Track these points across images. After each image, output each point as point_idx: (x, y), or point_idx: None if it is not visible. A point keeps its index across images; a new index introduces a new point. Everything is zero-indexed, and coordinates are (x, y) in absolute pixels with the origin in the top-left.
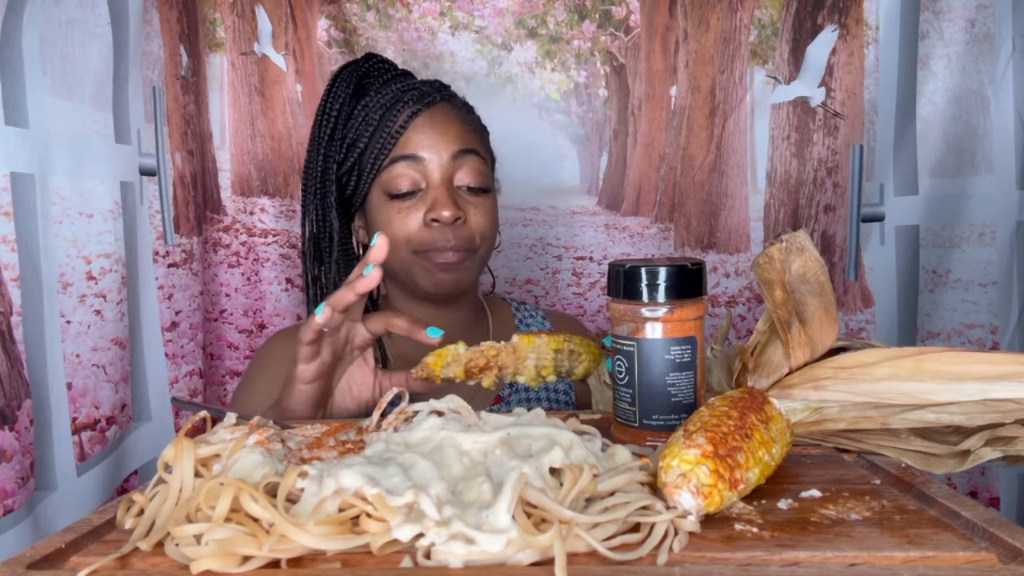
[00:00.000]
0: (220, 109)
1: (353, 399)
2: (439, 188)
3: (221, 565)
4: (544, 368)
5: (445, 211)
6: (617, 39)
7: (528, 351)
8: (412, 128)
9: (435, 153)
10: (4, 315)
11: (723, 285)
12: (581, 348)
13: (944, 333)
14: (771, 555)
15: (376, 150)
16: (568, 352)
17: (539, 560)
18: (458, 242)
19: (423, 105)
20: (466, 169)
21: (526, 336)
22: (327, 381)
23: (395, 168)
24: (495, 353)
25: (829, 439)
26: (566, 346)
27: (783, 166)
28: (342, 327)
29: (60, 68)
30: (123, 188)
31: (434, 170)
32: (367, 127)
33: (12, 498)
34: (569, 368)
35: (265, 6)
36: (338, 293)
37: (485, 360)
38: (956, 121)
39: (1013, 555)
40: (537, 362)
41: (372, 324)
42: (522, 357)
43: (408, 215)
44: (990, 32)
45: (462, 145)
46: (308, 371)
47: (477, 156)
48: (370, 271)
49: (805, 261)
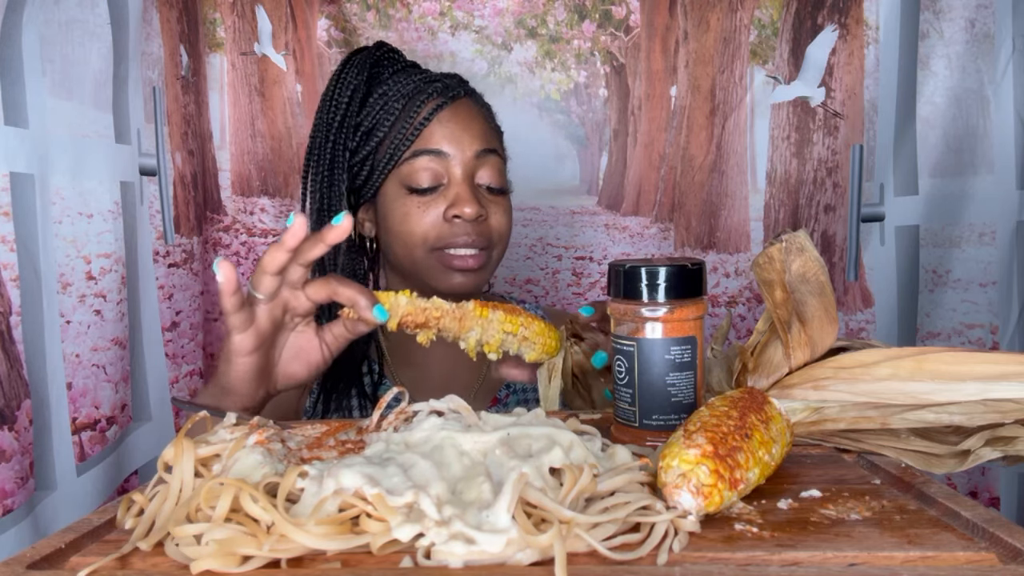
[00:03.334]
0: (220, 109)
1: (303, 366)
2: (462, 185)
3: (221, 565)
4: (487, 345)
5: (468, 208)
6: (617, 39)
7: (475, 322)
8: (436, 122)
9: (459, 149)
10: (4, 315)
11: (723, 285)
12: (536, 338)
13: (944, 333)
14: (771, 555)
15: (397, 141)
16: (521, 338)
17: (539, 560)
18: (478, 239)
19: (447, 99)
20: (488, 168)
21: (482, 306)
22: (267, 352)
23: (417, 161)
24: (438, 315)
25: (829, 439)
26: (520, 331)
27: (783, 166)
28: (279, 292)
29: (60, 68)
30: (123, 188)
31: (456, 166)
32: (387, 116)
33: (12, 498)
34: (517, 351)
35: (265, 6)
36: (267, 254)
37: (424, 318)
38: (956, 121)
39: (1013, 555)
40: (481, 336)
41: (314, 291)
42: (466, 326)
43: (427, 210)
44: (990, 32)
45: (485, 144)
46: (245, 341)
47: (498, 156)
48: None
49: (805, 261)
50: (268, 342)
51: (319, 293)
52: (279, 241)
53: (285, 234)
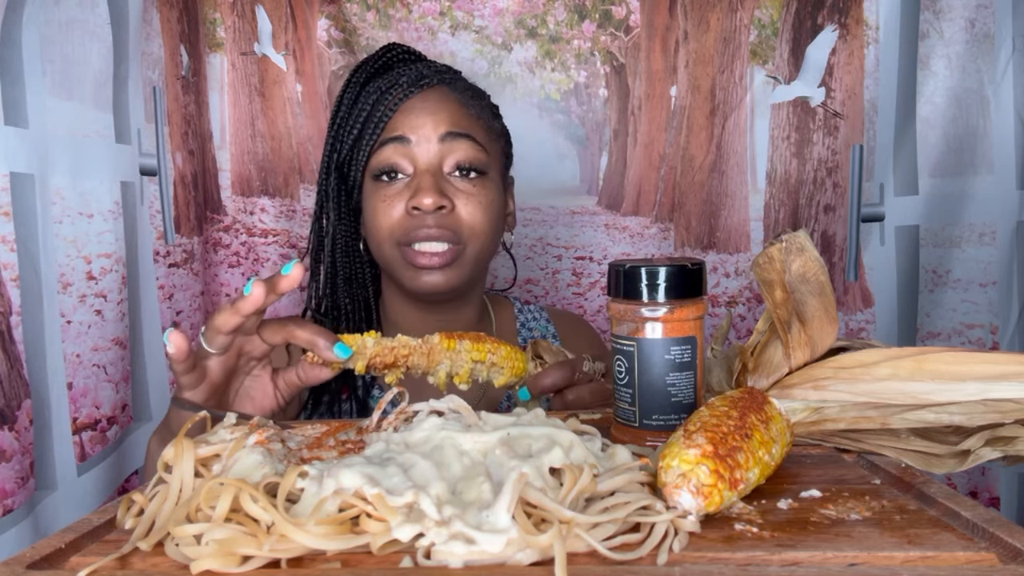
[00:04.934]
0: (220, 109)
1: (255, 409)
2: (424, 173)
3: (221, 565)
4: (457, 376)
5: (427, 198)
6: (617, 39)
7: (444, 355)
8: (402, 110)
9: (422, 135)
10: (4, 315)
11: (723, 285)
12: (504, 362)
13: (944, 333)
14: (771, 555)
15: (368, 134)
16: (489, 364)
17: (539, 560)
18: (443, 232)
19: (417, 87)
20: (457, 154)
21: (448, 339)
22: (219, 399)
23: (382, 151)
24: (406, 353)
25: (829, 439)
26: (488, 358)
27: (783, 166)
28: (232, 344)
29: (60, 68)
30: (123, 188)
31: (421, 154)
32: (363, 112)
33: (12, 498)
34: (487, 378)
35: (265, 6)
36: (220, 315)
37: (393, 358)
38: (956, 121)
39: (1013, 555)
40: (451, 369)
41: (269, 334)
42: (435, 360)
43: (392, 203)
44: (990, 32)
45: (452, 127)
46: (196, 396)
47: (471, 141)
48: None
49: (805, 261)
50: (220, 390)
51: (274, 337)
52: (234, 306)
53: (241, 301)
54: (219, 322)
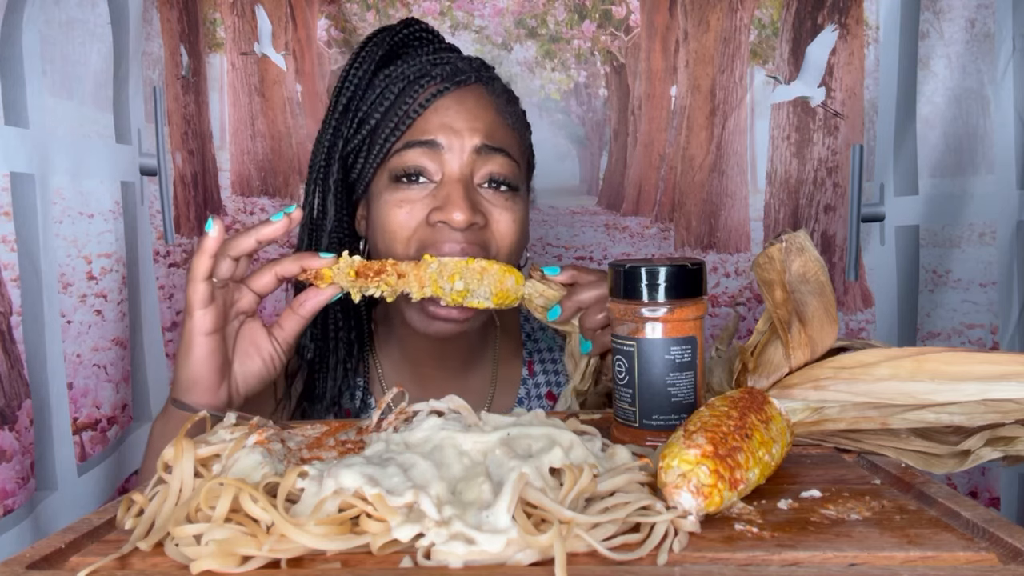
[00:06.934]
0: (220, 109)
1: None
2: (455, 184)
3: (221, 565)
4: (450, 277)
5: (458, 213)
6: (617, 39)
7: (431, 263)
8: (434, 108)
9: (457, 141)
10: (4, 315)
11: (723, 285)
12: (491, 266)
13: (944, 333)
14: (771, 555)
15: (389, 129)
16: (480, 268)
17: (539, 560)
18: (467, 247)
19: (452, 83)
20: (491, 166)
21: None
22: (223, 341)
23: (407, 154)
24: (393, 262)
25: (829, 439)
26: (475, 263)
27: (783, 166)
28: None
29: (60, 68)
30: (124, 188)
31: (452, 161)
32: (383, 100)
33: (12, 498)
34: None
35: (265, 6)
36: (237, 239)
37: (380, 264)
38: (956, 121)
39: (1013, 555)
40: (439, 269)
41: (257, 281)
42: (423, 266)
43: (412, 207)
44: (990, 32)
45: (487, 139)
46: (206, 317)
47: (506, 156)
48: (280, 218)
49: (805, 261)
50: (222, 327)
51: (261, 280)
52: (200, 247)
53: (204, 239)
54: (232, 243)
